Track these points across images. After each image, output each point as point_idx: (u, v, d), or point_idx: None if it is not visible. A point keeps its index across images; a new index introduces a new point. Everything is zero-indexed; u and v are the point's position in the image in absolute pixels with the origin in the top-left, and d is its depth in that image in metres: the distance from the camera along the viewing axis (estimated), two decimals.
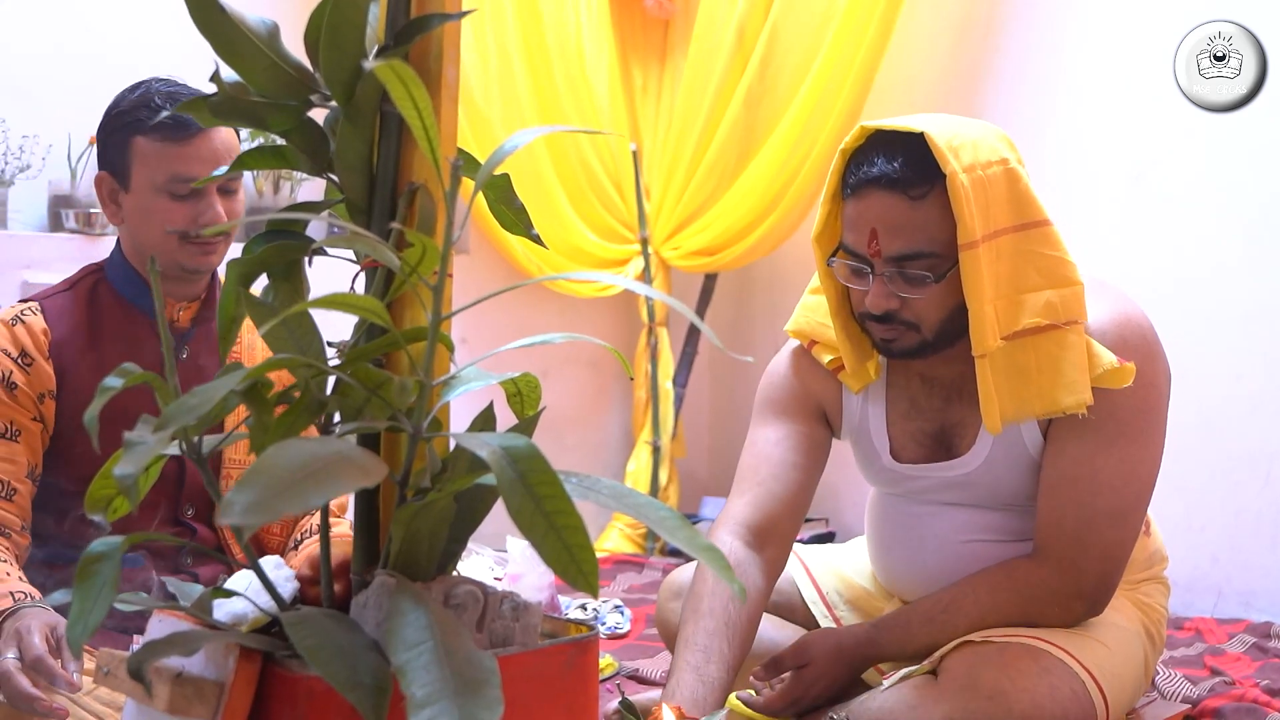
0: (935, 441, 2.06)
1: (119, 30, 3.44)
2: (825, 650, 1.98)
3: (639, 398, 4.34)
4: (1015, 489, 2.01)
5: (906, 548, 2.11)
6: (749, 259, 4.28)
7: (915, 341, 1.93)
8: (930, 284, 1.88)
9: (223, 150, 2.02)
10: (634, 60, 4.37)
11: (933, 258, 1.87)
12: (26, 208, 3.31)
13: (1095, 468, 1.92)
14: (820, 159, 3.98)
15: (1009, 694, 1.81)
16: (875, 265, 1.89)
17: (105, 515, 1.12)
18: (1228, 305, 3.28)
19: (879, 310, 1.90)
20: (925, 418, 2.06)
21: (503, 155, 1.06)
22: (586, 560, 0.97)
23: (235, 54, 1.13)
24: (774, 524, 2.06)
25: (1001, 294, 1.89)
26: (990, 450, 1.99)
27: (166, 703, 1.06)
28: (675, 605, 2.24)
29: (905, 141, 1.87)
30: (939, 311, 1.91)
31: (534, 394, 1.23)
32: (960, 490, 2.04)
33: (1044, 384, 1.90)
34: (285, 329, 1.13)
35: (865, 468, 2.16)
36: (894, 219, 1.87)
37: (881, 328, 1.93)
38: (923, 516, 2.09)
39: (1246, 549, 3.25)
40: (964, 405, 2.01)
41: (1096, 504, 1.92)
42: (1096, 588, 1.96)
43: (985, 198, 1.85)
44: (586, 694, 1.16)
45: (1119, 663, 1.96)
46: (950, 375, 2.02)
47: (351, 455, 0.97)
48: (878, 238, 1.88)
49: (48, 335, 2.01)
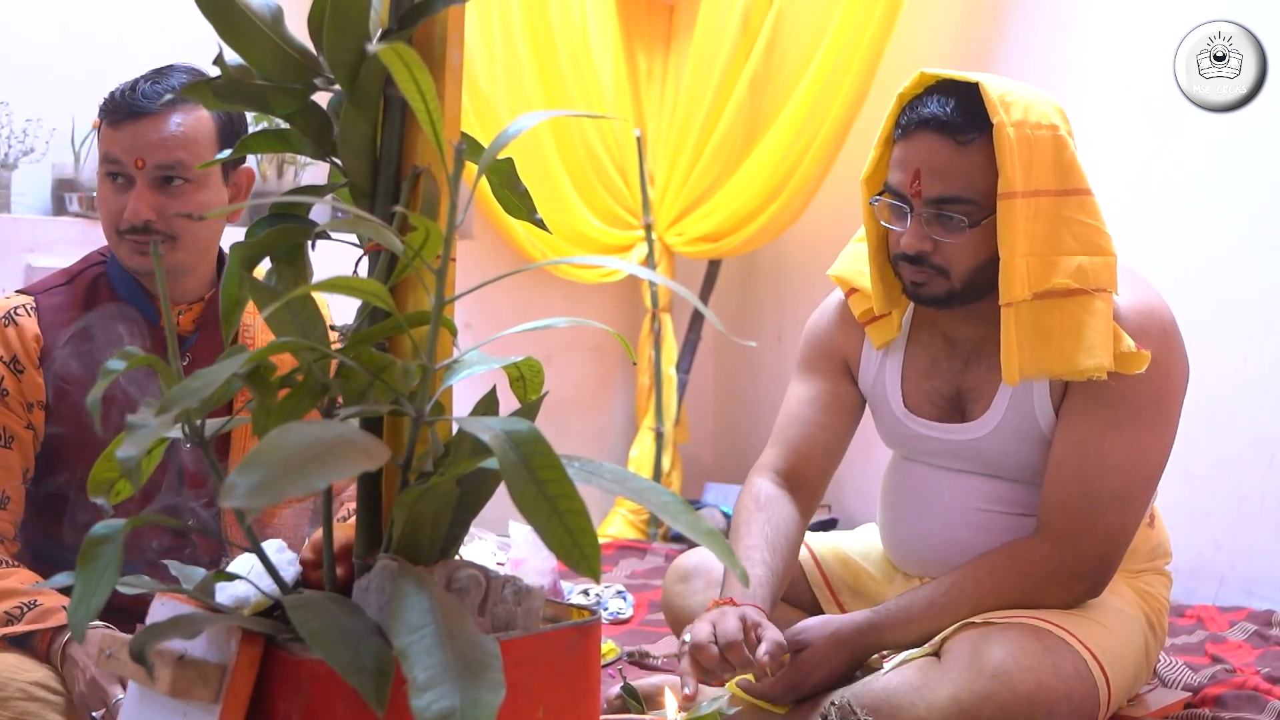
0: (949, 404, 2.10)
1: (123, 13, 3.44)
2: (822, 635, 1.99)
3: (642, 383, 4.33)
4: (1023, 461, 2.03)
5: (917, 514, 2.14)
6: (753, 245, 4.27)
7: (943, 289, 1.98)
8: (965, 229, 1.93)
9: (170, 138, 1.89)
10: (639, 45, 4.36)
11: (970, 204, 1.92)
12: (30, 191, 3.31)
13: (1103, 448, 1.94)
14: (825, 145, 3.97)
15: (1013, 673, 1.82)
16: (914, 205, 1.95)
17: (107, 498, 1.12)
18: (1230, 298, 3.28)
19: (912, 250, 1.95)
20: (942, 378, 2.10)
21: (507, 139, 1.06)
22: (589, 545, 0.97)
23: (239, 37, 1.13)
24: (803, 476, 2.18)
25: (1035, 251, 1.92)
26: (1002, 418, 2.02)
27: (169, 685, 1.06)
28: (681, 588, 2.26)
29: (960, 90, 1.93)
30: (970, 260, 1.95)
31: (537, 378, 1.23)
32: (971, 458, 2.07)
33: (1065, 345, 1.92)
34: (288, 312, 1.13)
35: (879, 423, 2.22)
36: (939, 161, 1.92)
37: (913, 269, 1.98)
38: (934, 482, 2.12)
39: (1249, 536, 3.25)
40: (982, 369, 2.06)
41: (1101, 484, 1.94)
42: (1096, 569, 1.97)
43: (1030, 155, 1.90)
44: (588, 678, 1.16)
45: (1120, 644, 1.97)
46: (973, 336, 2.07)
47: (354, 439, 0.97)
48: (920, 178, 1.93)
49: (39, 342, 1.93)
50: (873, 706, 1.90)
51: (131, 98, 1.90)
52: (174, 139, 1.89)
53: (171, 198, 1.91)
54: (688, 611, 2.24)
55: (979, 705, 1.82)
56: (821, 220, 4.17)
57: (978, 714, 1.82)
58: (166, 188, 1.90)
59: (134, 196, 1.89)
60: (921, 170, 1.93)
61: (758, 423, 4.48)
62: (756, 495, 2.15)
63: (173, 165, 1.90)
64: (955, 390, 2.09)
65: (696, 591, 2.24)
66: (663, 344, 4.31)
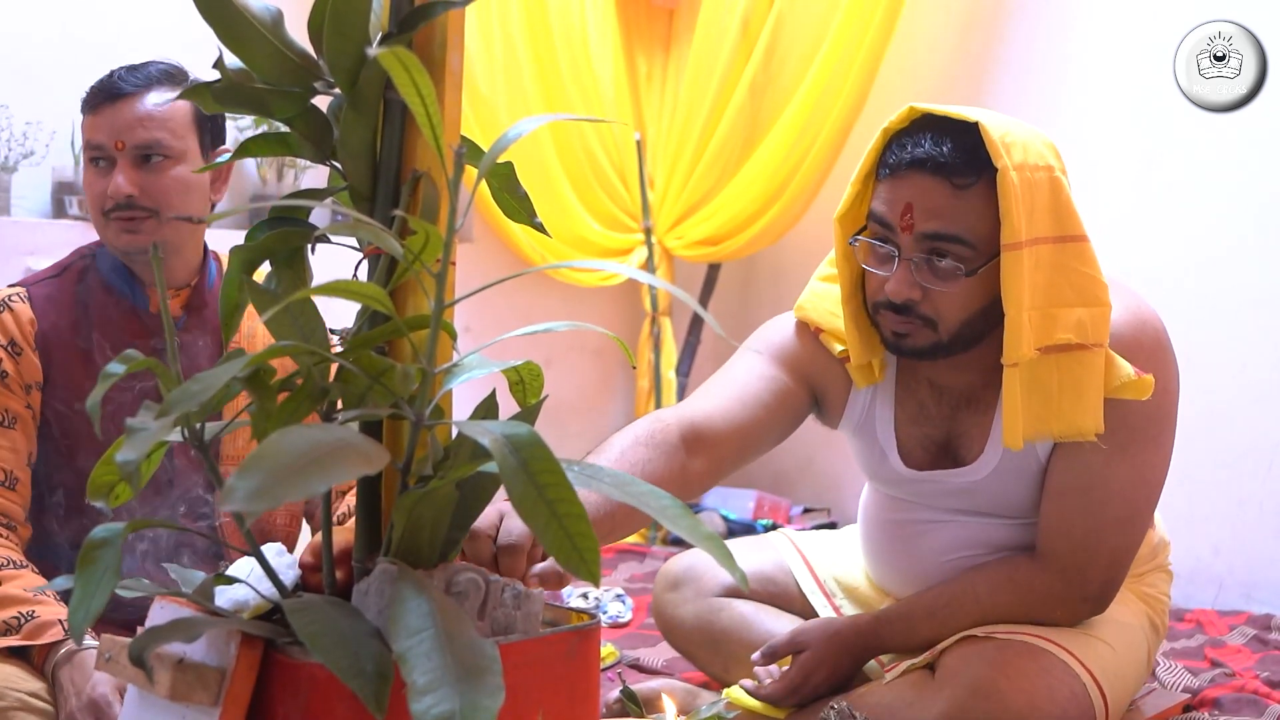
0: (941, 450, 2.01)
1: (123, 16, 3.44)
2: (822, 637, 1.98)
3: (642, 387, 4.33)
4: (1022, 498, 1.97)
5: (900, 557, 2.10)
6: (753, 249, 4.27)
7: (929, 341, 1.85)
8: (960, 277, 1.79)
9: (146, 118, 1.95)
10: (639, 49, 4.36)
11: (968, 247, 1.79)
12: (30, 194, 3.30)
13: (1107, 477, 1.87)
14: (824, 149, 3.97)
15: (1005, 693, 1.80)
16: (903, 247, 1.81)
17: (107, 501, 1.12)
18: (1230, 300, 3.29)
19: (899, 299, 1.82)
20: (933, 424, 2.01)
21: (507, 143, 1.06)
22: (588, 549, 0.97)
23: (239, 40, 1.13)
24: (714, 439, 1.90)
25: (1036, 304, 1.80)
26: (1000, 460, 1.95)
27: (168, 689, 1.06)
28: (672, 596, 2.24)
29: (955, 128, 1.79)
30: (961, 311, 1.82)
31: (536, 382, 1.23)
32: (964, 497, 2.01)
33: (1065, 405, 1.82)
34: (288, 316, 1.13)
35: (867, 466, 2.11)
36: (933, 202, 1.78)
37: (896, 319, 1.84)
38: (918, 527, 2.06)
39: (1248, 540, 3.25)
40: (970, 416, 1.97)
41: (1105, 512, 1.89)
42: (1101, 591, 1.95)
43: (1031, 201, 1.77)
44: (588, 682, 1.16)
45: (1122, 662, 1.96)
46: (959, 385, 1.97)
47: (354, 442, 0.97)
48: (912, 212, 1.79)
49: (34, 325, 1.97)
50: None
51: (108, 83, 1.97)
52: (151, 119, 1.95)
53: (152, 174, 1.96)
54: (679, 621, 2.23)
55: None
56: (821, 224, 4.17)
57: None
58: (146, 164, 1.96)
59: (116, 173, 1.94)
60: (914, 205, 1.79)
61: None
62: (653, 433, 1.84)
63: (151, 144, 1.95)
64: (945, 436, 2.00)
65: (687, 600, 2.22)
66: (662, 347, 4.31)
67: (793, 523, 4.05)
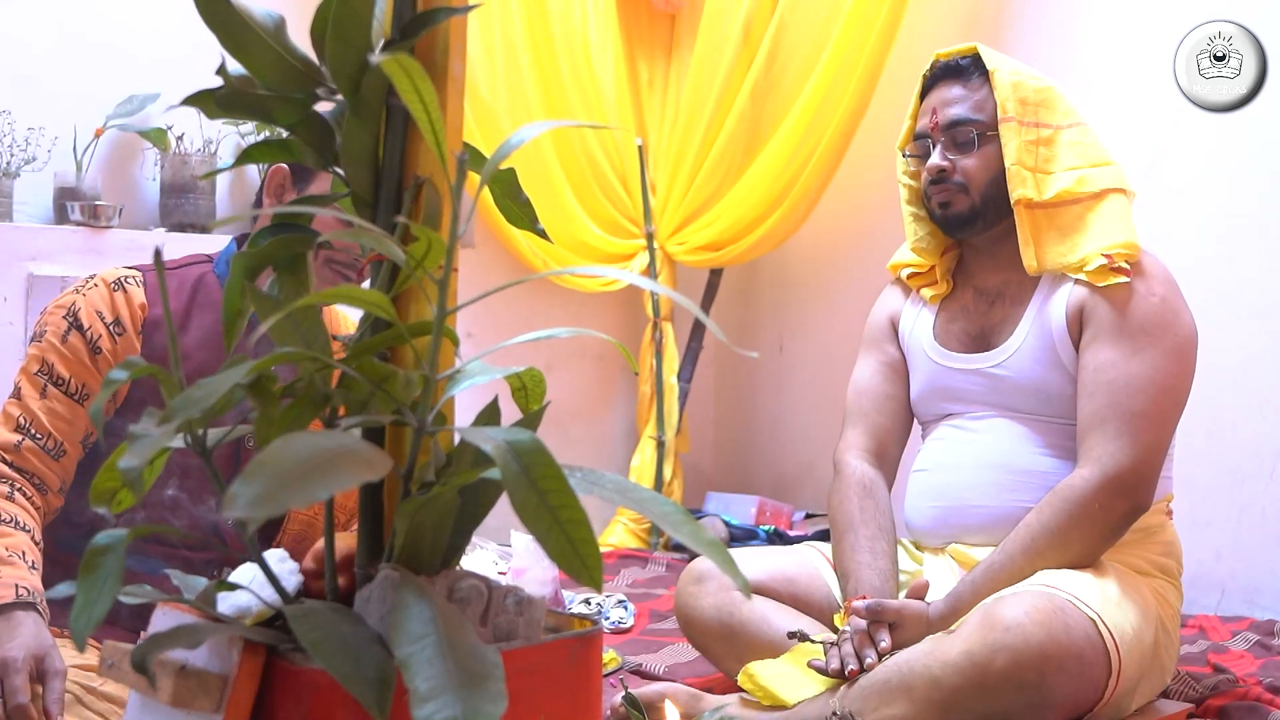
0: (975, 341, 2.34)
1: (126, 23, 3.45)
2: (917, 619, 2.09)
3: (644, 392, 4.33)
4: (1042, 387, 2.23)
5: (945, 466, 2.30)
6: (754, 254, 4.27)
7: (966, 205, 2.29)
8: (975, 146, 2.28)
9: None
10: (640, 54, 4.37)
11: (978, 124, 2.29)
12: (32, 200, 3.31)
13: (1130, 370, 2.14)
14: (826, 155, 3.97)
15: (1025, 626, 1.89)
16: (935, 138, 2.32)
17: (110, 508, 1.12)
18: (1231, 302, 3.28)
19: (934, 171, 2.30)
20: (970, 319, 2.36)
21: (508, 149, 1.06)
22: (590, 555, 0.97)
23: (241, 47, 1.13)
24: (884, 448, 2.43)
25: (1039, 165, 2.25)
26: (1023, 343, 2.25)
27: (170, 695, 1.06)
28: (694, 589, 2.31)
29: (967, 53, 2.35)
30: (983, 173, 2.28)
31: (539, 388, 1.23)
32: (993, 390, 2.28)
33: (1077, 240, 2.23)
34: (290, 323, 1.13)
35: (914, 376, 2.44)
36: (951, 97, 2.32)
37: (938, 189, 2.31)
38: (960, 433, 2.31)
39: (1251, 545, 3.24)
40: (1006, 306, 2.32)
41: (1133, 404, 2.12)
42: (1135, 485, 2.10)
43: (1027, 98, 2.28)
44: (590, 688, 1.16)
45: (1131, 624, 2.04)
46: (998, 282, 2.35)
47: (356, 449, 0.97)
48: (937, 114, 2.32)
49: (144, 310, 1.98)
50: (883, 678, 1.97)
51: None
52: None
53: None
54: (699, 613, 2.30)
55: (991, 657, 1.89)
56: (823, 230, 4.17)
57: (990, 665, 1.89)
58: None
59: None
60: (937, 108, 2.32)
61: (759, 432, 4.48)
62: (860, 479, 2.36)
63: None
64: (980, 329, 2.34)
65: (709, 594, 2.30)
66: (664, 353, 4.30)
67: (794, 528, 4.05)
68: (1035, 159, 2.26)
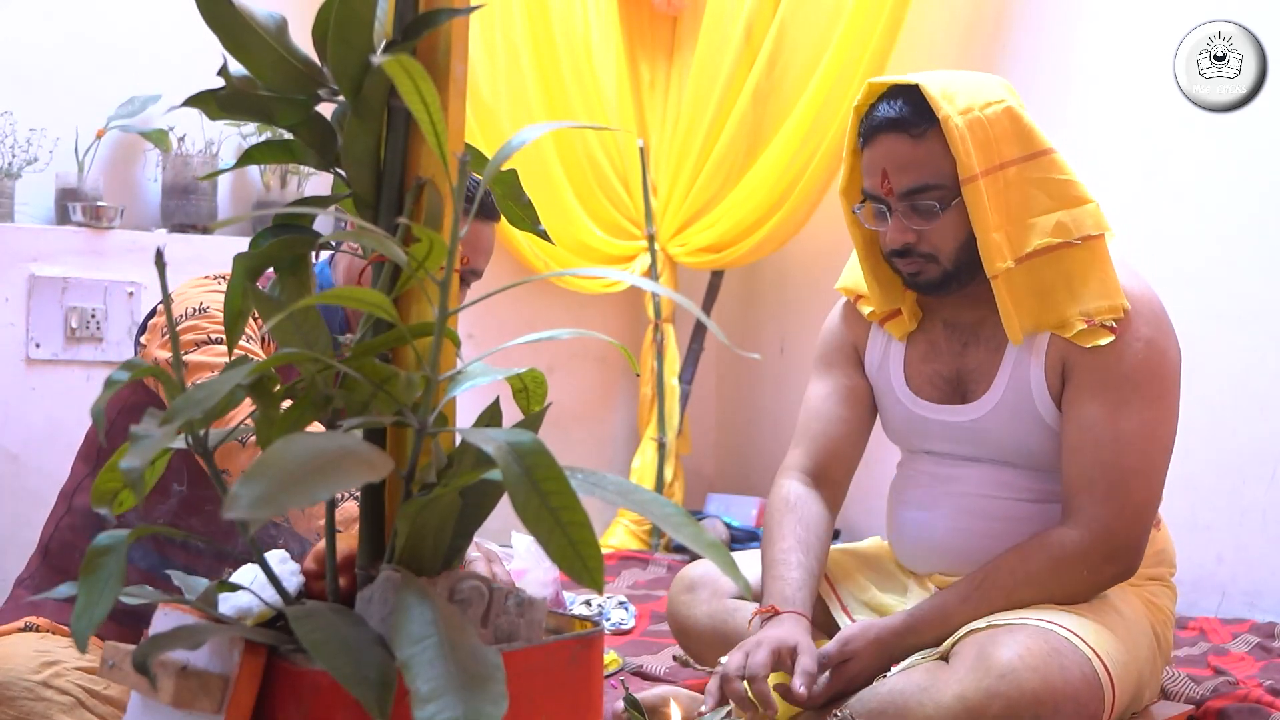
0: (950, 386, 2.17)
1: (127, 24, 3.45)
2: (867, 644, 2.02)
3: (645, 394, 4.33)
4: (1022, 442, 2.10)
5: (923, 505, 2.19)
6: (756, 256, 4.27)
7: (937, 273, 2.09)
8: (938, 214, 2.04)
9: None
10: (642, 56, 4.37)
11: (938, 189, 2.04)
12: (33, 200, 3.31)
13: (1117, 426, 2.01)
14: (827, 156, 3.97)
15: (1019, 672, 1.84)
16: (890, 204, 2.07)
17: (111, 509, 1.12)
18: (1231, 303, 3.28)
19: (898, 245, 2.07)
20: (943, 360, 2.19)
21: (510, 151, 1.06)
22: (591, 556, 0.97)
23: (243, 48, 1.13)
24: (828, 472, 2.28)
25: (1012, 219, 2.04)
26: (1000, 398, 2.10)
27: (171, 696, 1.06)
28: (687, 597, 2.29)
29: (906, 91, 2.06)
30: (951, 240, 2.06)
31: (540, 390, 1.23)
32: (973, 443, 2.14)
33: (1059, 297, 2.04)
34: (292, 323, 1.13)
35: (885, 415, 2.29)
36: (900, 157, 2.04)
37: (905, 262, 2.10)
38: (939, 473, 2.18)
39: (1251, 548, 3.24)
40: (981, 350, 2.15)
41: (1123, 462, 2.01)
42: (1126, 549, 2.02)
43: (986, 135, 2.02)
44: (591, 690, 1.16)
45: (1127, 653, 1.98)
46: (971, 319, 2.16)
47: (358, 450, 0.97)
48: (889, 177, 2.05)
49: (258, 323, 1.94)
50: (879, 709, 1.92)
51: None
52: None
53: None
54: (692, 621, 2.27)
55: (986, 703, 1.84)
56: (824, 231, 4.17)
57: (984, 712, 1.84)
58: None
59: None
60: (888, 169, 2.05)
61: (760, 434, 4.48)
62: (786, 496, 2.25)
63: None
64: (955, 372, 2.17)
65: (702, 601, 2.27)
66: (665, 355, 4.30)
67: None
68: (1007, 212, 2.03)
